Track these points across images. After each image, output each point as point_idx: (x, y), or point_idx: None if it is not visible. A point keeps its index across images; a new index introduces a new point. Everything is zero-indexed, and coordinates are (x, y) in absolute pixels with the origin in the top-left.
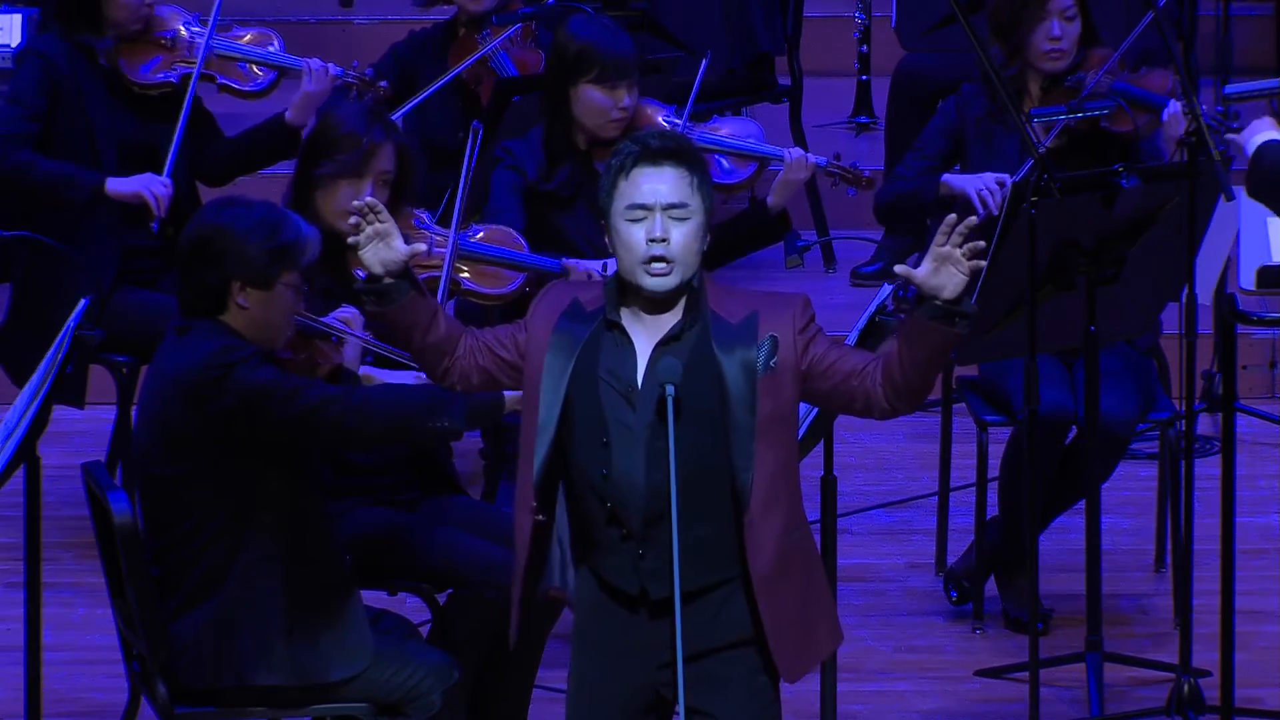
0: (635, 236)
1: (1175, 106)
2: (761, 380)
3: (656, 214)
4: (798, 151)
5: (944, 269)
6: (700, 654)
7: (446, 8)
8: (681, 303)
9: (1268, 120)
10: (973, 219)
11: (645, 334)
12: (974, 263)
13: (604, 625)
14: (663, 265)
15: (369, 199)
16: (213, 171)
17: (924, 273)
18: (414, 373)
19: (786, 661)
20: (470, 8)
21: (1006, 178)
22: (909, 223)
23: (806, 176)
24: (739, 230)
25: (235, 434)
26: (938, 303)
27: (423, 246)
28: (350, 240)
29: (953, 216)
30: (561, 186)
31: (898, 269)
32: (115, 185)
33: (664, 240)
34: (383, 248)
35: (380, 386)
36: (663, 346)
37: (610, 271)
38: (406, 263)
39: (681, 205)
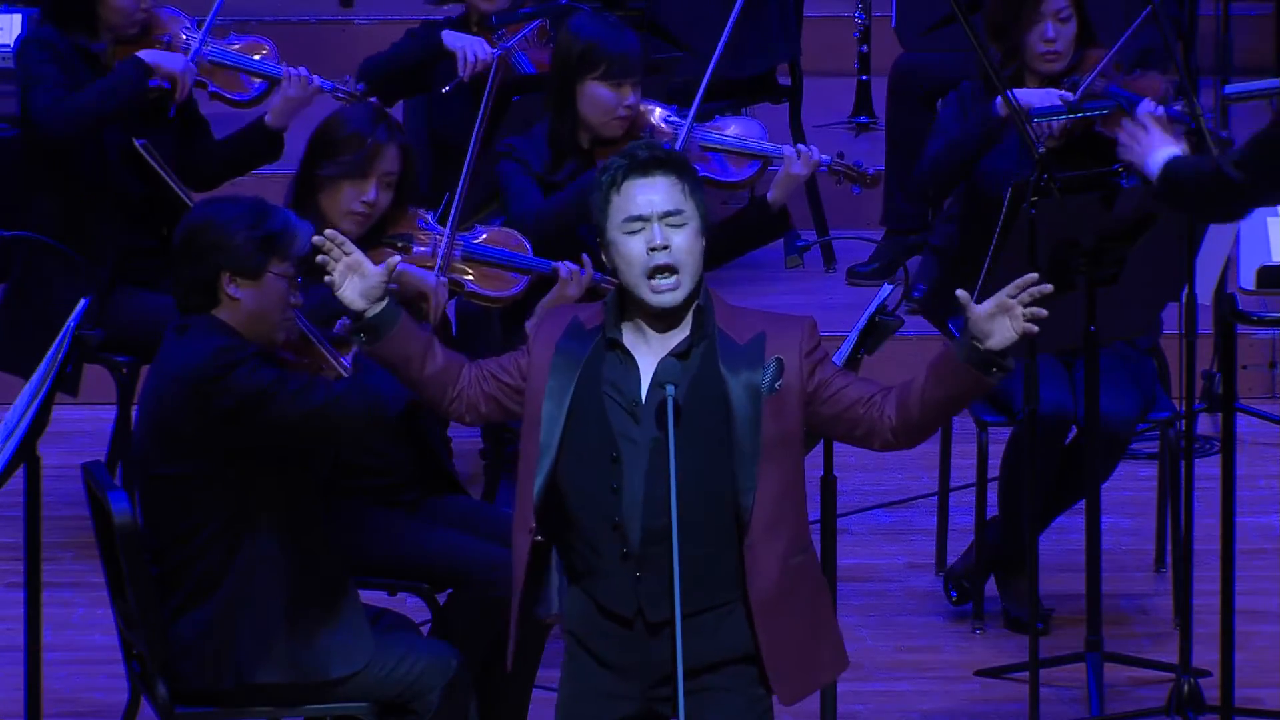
0: (635, 249)
1: (1147, 105)
2: (766, 402)
3: (654, 223)
4: (800, 147)
5: (1000, 319)
6: (696, 671)
7: (456, 5)
8: (689, 319)
9: (1163, 138)
10: (1048, 286)
11: (649, 350)
12: (1028, 326)
13: (597, 642)
14: (668, 279)
15: (329, 231)
16: (199, 175)
17: (980, 312)
18: (431, 273)
19: (783, 685)
20: (482, 6)
21: (1071, 96)
22: (964, 174)
23: (808, 172)
24: (739, 228)
25: (234, 434)
26: (980, 348)
27: (397, 258)
28: (325, 280)
29: (1033, 275)
30: (566, 180)
31: (959, 294)
32: (154, 58)
33: (665, 247)
34: (357, 279)
35: (371, 378)
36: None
37: (590, 267)
38: (386, 285)
39: (677, 212)
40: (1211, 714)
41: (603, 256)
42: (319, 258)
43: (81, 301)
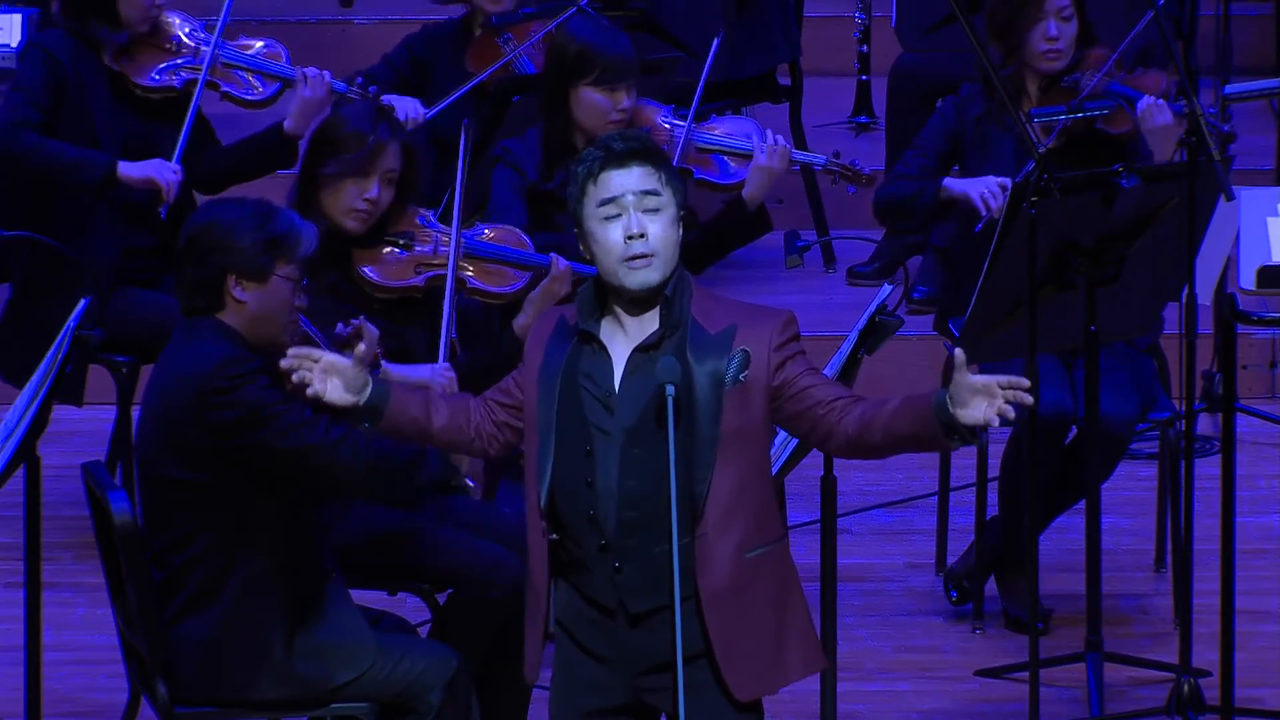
0: (612, 236)
1: (1149, 99)
2: (728, 393)
3: (630, 210)
4: (770, 140)
5: (980, 399)
6: (666, 666)
7: (459, 5)
8: (657, 309)
9: None
10: (1029, 398)
11: (626, 339)
12: (993, 419)
13: (584, 633)
14: (644, 259)
15: (292, 350)
16: (208, 180)
17: (968, 382)
18: (429, 365)
19: (737, 679)
20: (486, 7)
21: (1008, 181)
22: (906, 223)
23: (778, 165)
24: (719, 228)
25: (230, 446)
26: (950, 410)
27: (363, 347)
28: (310, 395)
29: (1026, 382)
30: (560, 187)
31: (956, 354)
32: (127, 169)
33: (642, 235)
34: (336, 379)
35: (376, 442)
36: (641, 353)
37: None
38: (363, 368)
39: (654, 193)
40: (1211, 714)
41: (580, 248)
42: (295, 375)
43: (81, 301)
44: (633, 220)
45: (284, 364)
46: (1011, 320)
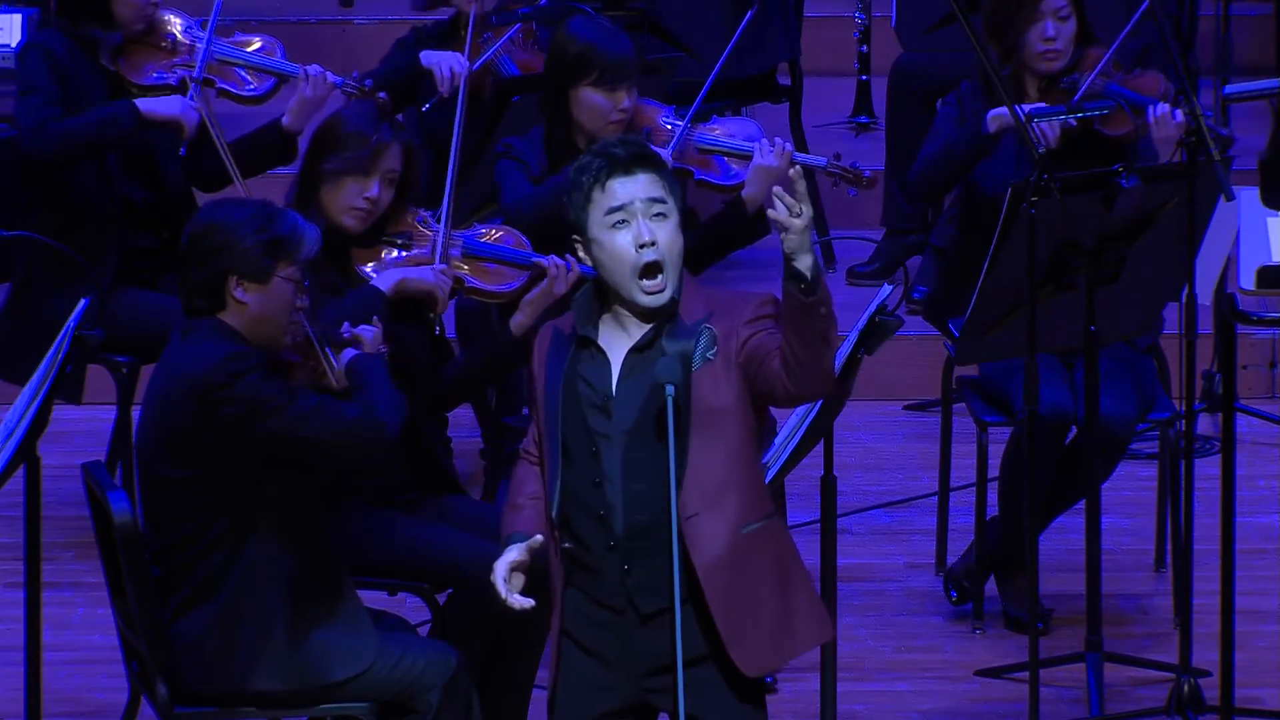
0: (622, 244)
1: (1161, 108)
2: (696, 373)
3: (639, 217)
4: (775, 140)
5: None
6: (684, 662)
7: (446, 9)
8: None
9: None
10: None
11: (626, 339)
12: (774, 214)
13: (588, 634)
14: (655, 280)
15: (511, 601)
16: (210, 178)
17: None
18: (430, 268)
19: (745, 655)
20: (466, 10)
21: (1061, 108)
22: (954, 181)
23: (778, 164)
24: (717, 228)
25: (237, 441)
26: (785, 251)
27: (523, 557)
28: (516, 607)
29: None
30: None
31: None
32: (149, 107)
33: (653, 243)
34: (520, 575)
35: (375, 395)
36: (635, 354)
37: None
38: (529, 546)
39: (660, 200)
40: (1211, 714)
41: (581, 255)
42: (512, 601)
43: (81, 301)
44: (643, 228)
45: (515, 604)
46: (1011, 320)
